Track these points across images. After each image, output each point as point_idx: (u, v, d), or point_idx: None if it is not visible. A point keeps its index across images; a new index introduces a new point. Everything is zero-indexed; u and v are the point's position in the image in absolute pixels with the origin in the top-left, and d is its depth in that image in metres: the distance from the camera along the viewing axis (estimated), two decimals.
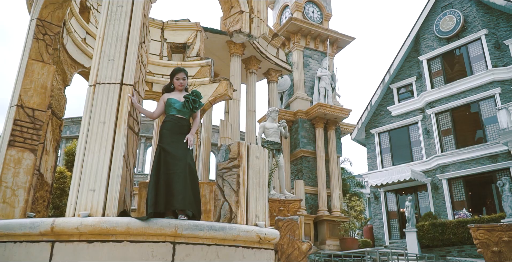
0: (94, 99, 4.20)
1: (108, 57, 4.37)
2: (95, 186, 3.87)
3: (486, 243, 5.44)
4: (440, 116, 18.97)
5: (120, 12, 4.56)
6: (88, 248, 3.57)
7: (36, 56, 5.23)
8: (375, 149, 21.56)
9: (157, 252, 3.59)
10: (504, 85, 16.96)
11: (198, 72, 9.18)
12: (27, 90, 5.06)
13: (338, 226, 12.68)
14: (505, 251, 5.28)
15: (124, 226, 3.57)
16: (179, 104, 4.28)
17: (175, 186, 3.89)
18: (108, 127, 4.07)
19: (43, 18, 5.42)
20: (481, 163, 16.83)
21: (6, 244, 3.85)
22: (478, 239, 5.47)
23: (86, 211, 3.76)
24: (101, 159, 3.95)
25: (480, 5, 18.53)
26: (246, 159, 4.52)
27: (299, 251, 5.57)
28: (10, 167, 4.69)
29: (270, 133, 8.95)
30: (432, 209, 18.11)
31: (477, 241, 5.44)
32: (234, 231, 3.91)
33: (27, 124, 4.94)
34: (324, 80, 14.55)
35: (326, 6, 16.89)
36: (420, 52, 20.54)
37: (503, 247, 5.31)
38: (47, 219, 3.71)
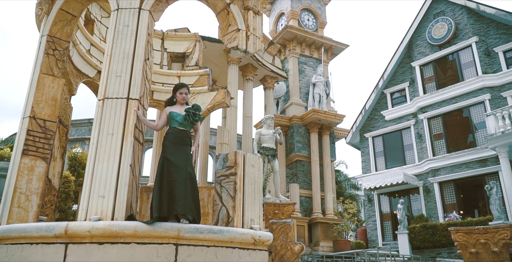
0: (103, 112, 4.58)
1: (116, 73, 4.74)
2: (105, 192, 4.24)
3: (465, 244, 5.83)
4: (432, 121, 19.40)
5: (126, 31, 4.94)
6: (99, 249, 3.94)
7: (46, 71, 5.59)
8: (369, 153, 21.96)
9: (161, 252, 3.96)
10: (494, 91, 17.40)
11: (197, 81, 9.57)
12: (38, 102, 5.42)
13: (332, 228, 13.06)
14: (482, 252, 5.67)
15: (131, 229, 3.94)
16: (180, 118, 4.65)
17: (177, 193, 4.26)
18: (116, 139, 4.45)
19: (53, 34, 5.78)
20: (471, 167, 17.25)
21: (24, 245, 4.21)
22: (458, 241, 5.86)
23: (96, 215, 4.13)
24: (110, 168, 4.33)
25: (471, 13, 18.98)
26: (242, 167, 4.89)
27: (292, 252, 5.95)
28: (24, 174, 5.05)
29: (265, 139, 9.33)
30: (424, 212, 18.52)
31: (456, 243, 5.82)
32: (231, 234, 4.29)
33: (39, 134, 5.30)
34: (318, 87, 14.96)
35: (321, 14, 17.30)
36: (413, 58, 20.97)
37: (480, 249, 5.70)
38: (62, 223, 4.07)
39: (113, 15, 5.08)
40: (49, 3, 5.90)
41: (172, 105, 4.87)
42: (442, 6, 20.26)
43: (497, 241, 5.58)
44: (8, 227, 4.42)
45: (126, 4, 5.08)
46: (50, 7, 5.88)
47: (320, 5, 17.50)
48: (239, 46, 5.46)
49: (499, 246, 5.55)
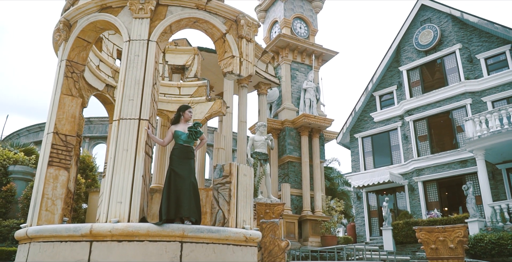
0: (118, 131, 5.41)
1: (129, 97, 5.56)
2: (122, 199, 5.08)
3: (426, 241, 6.70)
4: (417, 123, 20.31)
5: (137, 60, 5.76)
6: (118, 246, 4.78)
7: (66, 91, 6.40)
8: (358, 152, 22.89)
9: (169, 248, 4.81)
10: (475, 96, 18.31)
11: (195, 91, 10.38)
12: (60, 119, 6.23)
13: (320, 225, 13.94)
14: (440, 248, 6.55)
15: (145, 230, 4.78)
16: (184, 136, 5.49)
17: (182, 199, 5.11)
18: (130, 154, 5.28)
19: (71, 59, 6.58)
20: (452, 167, 18.19)
21: (54, 243, 5.04)
22: (421, 238, 6.72)
23: (115, 218, 4.96)
24: (125, 178, 5.16)
25: (456, 21, 19.84)
26: (236, 176, 5.74)
27: (279, 247, 6.82)
28: (50, 182, 5.87)
29: (258, 145, 10.16)
30: (409, 209, 19.48)
31: (420, 240, 6.69)
32: (227, 233, 5.15)
33: (61, 147, 6.12)
34: (309, 92, 15.79)
35: (312, 22, 18.10)
36: (400, 63, 21.85)
37: (439, 245, 6.58)
38: (87, 225, 4.92)
39: (125, 46, 5.89)
40: (66, 31, 6.68)
41: (177, 124, 5.70)
42: (429, 14, 21.11)
43: (453, 238, 6.45)
44: (40, 227, 5.25)
45: (137, 36, 5.89)
46: (67, 35, 6.67)
47: (311, 13, 18.30)
48: (233, 71, 6.28)
49: (455, 243, 6.42)
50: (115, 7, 6.20)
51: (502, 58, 17.96)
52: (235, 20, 6.51)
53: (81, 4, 6.38)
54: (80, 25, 6.41)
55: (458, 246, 6.29)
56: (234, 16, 6.49)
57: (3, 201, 9.93)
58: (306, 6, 18.19)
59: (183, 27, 6.48)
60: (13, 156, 11.16)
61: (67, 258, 4.87)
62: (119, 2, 6.15)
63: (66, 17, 6.61)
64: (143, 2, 5.99)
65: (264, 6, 18.92)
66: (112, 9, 6.23)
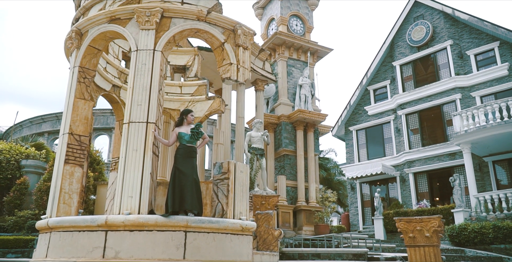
0: (128, 133, 6.02)
1: (137, 102, 6.16)
2: (132, 194, 5.71)
3: (405, 230, 7.35)
4: (409, 117, 20.93)
5: (144, 69, 6.34)
6: (130, 235, 5.43)
7: (79, 95, 6.99)
8: (353, 145, 23.55)
9: (175, 237, 5.45)
10: (464, 91, 18.90)
11: (196, 90, 10.95)
12: (74, 121, 6.83)
13: (314, 215, 14.64)
14: (417, 236, 7.20)
15: (153, 221, 5.43)
16: (187, 137, 6.10)
17: (186, 194, 5.74)
18: (139, 154, 5.90)
19: (83, 65, 7.15)
20: (442, 159, 18.87)
21: (73, 232, 5.68)
22: (400, 228, 7.40)
23: (127, 210, 5.60)
24: (135, 176, 5.79)
25: (447, 18, 20.33)
26: (233, 173, 6.37)
27: (273, 236, 7.48)
28: (66, 178, 6.50)
29: (255, 141, 10.77)
30: (400, 199, 20.21)
31: (399, 229, 7.36)
32: (225, 223, 5.80)
33: (76, 146, 6.73)
34: (304, 88, 16.35)
35: (308, 19, 18.57)
36: (394, 58, 22.37)
37: (416, 234, 7.22)
38: (102, 216, 5.56)
39: (133, 55, 6.47)
40: (78, 39, 7.24)
41: (181, 126, 6.31)
42: (422, 10, 21.58)
43: (429, 228, 7.09)
44: (60, 219, 5.89)
45: (143, 46, 6.46)
46: (79, 43, 7.23)
47: (307, 11, 18.76)
48: (231, 77, 6.87)
49: (430, 232, 7.08)
50: (123, 19, 6.76)
51: (491, 55, 18.50)
52: (232, 29, 7.08)
53: (92, 16, 6.93)
54: (91, 34, 6.97)
55: (433, 235, 6.95)
56: (232, 26, 7.05)
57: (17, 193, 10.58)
58: (302, 4, 18.65)
59: (185, 36, 7.05)
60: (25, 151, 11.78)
61: (85, 245, 5.51)
62: (127, 14, 6.71)
63: (78, 26, 7.16)
64: (149, 14, 6.55)
65: (261, 4, 19.37)
66: (120, 20, 6.78)
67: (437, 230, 6.96)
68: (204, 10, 6.79)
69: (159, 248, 5.39)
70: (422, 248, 6.95)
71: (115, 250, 5.39)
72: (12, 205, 10.51)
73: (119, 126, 9.67)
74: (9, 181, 11.29)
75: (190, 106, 10.64)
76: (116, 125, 9.94)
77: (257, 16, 19.90)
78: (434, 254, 6.87)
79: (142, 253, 5.34)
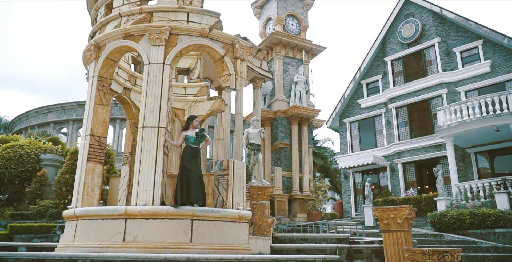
0: (143, 136, 6.96)
1: (150, 110, 7.09)
2: (147, 188, 6.67)
3: (381, 218, 8.34)
4: (399, 110, 21.84)
5: (155, 80, 7.25)
6: (146, 222, 6.41)
7: (99, 102, 7.91)
8: (346, 136, 24.51)
9: (183, 224, 6.43)
10: (450, 86, 19.78)
11: (198, 91, 11.83)
12: (95, 124, 7.77)
13: (307, 203, 15.67)
14: (391, 223, 8.16)
15: (165, 210, 6.40)
16: (193, 139, 7.04)
17: (192, 188, 6.71)
18: (152, 154, 6.84)
19: (101, 75, 8.05)
20: (428, 150, 19.85)
21: (97, 220, 6.66)
22: (377, 216, 8.40)
23: (143, 202, 6.57)
24: (149, 173, 6.74)
25: (436, 16, 21.08)
26: (232, 170, 7.33)
27: (266, 223, 8.49)
28: (89, 174, 7.46)
29: (252, 137, 11.70)
30: (390, 188, 21.25)
31: (376, 217, 8.36)
32: (225, 213, 6.78)
33: (96, 146, 7.68)
34: (299, 85, 17.23)
35: (303, 19, 19.33)
36: (386, 54, 23.18)
37: (390, 221, 8.19)
38: (122, 207, 6.54)
39: (146, 68, 7.36)
40: (96, 52, 8.12)
41: (187, 130, 7.25)
42: (412, 8, 22.32)
43: (401, 216, 8.05)
44: (86, 209, 6.87)
45: (154, 60, 7.36)
46: (98, 54, 8.10)
47: (303, 10, 19.51)
48: (230, 86, 7.77)
49: (402, 219, 8.03)
50: (136, 35, 7.64)
51: (475, 52, 19.33)
52: (231, 44, 7.95)
53: (109, 32, 7.81)
54: (108, 48, 7.85)
55: (404, 221, 7.94)
56: (231, 41, 7.93)
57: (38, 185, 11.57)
58: (298, 4, 19.39)
59: (190, 50, 7.95)
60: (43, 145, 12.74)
61: (108, 231, 6.50)
62: (139, 32, 7.58)
63: (96, 40, 8.04)
64: (158, 32, 7.43)
65: (259, 3, 20.10)
66: (134, 36, 7.66)
67: (408, 217, 7.95)
68: (206, 27, 7.66)
69: (170, 233, 6.37)
70: (395, 233, 7.95)
71: (133, 235, 6.38)
72: (34, 195, 11.52)
73: (129, 124, 10.59)
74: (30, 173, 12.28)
75: (193, 106, 11.53)
76: (127, 124, 10.84)
77: (255, 15, 20.64)
78: (405, 238, 7.87)
79: (156, 237, 6.33)
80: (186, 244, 6.31)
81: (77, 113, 37.94)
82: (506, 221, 12.51)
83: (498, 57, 18.42)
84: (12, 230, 9.48)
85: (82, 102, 37.11)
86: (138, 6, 7.98)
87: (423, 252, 6.37)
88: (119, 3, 8.25)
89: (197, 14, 7.81)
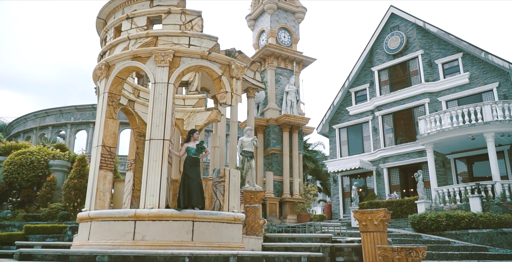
0: (149, 148, 7.83)
1: (156, 124, 7.96)
2: (154, 193, 7.55)
3: (360, 220, 9.27)
4: (385, 118, 22.84)
5: (160, 98, 8.13)
6: (153, 223, 7.28)
7: (109, 116, 8.77)
8: (335, 141, 25.46)
9: (185, 225, 7.31)
10: (432, 96, 20.81)
11: (197, 102, 12.71)
12: (106, 136, 8.63)
13: (296, 205, 16.61)
14: (369, 225, 9.11)
15: (169, 213, 7.28)
16: (194, 150, 7.93)
17: (192, 193, 7.60)
18: (158, 163, 7.72)
19: (111, 91, 8.92)
20: (412, 156, 20.86)
21: (109, 221, 7.52)
22: (356, 218, 9.31)
23: (150, 205, 7.44)
24: (155, 180, 7.62)
25: (419, 29, 22.13)
26: (228, 177, 8.22)
27: (258, 224, 9.38)
28: (101, 180, 8.32)
29: (246, 145, 12.59)
30: (376, 191, 22.23)
31: (355, 219, 9.29)
32: (222, 215, 7.67)
33: (107, 156, 8.54)
34: (290, 94, 18.18)
35: (295, 31, 20.30)
36: (373, 64, 24.18)
37: (368, 223, 9.11)
38: (132, 210, 7.40)
39: (152, 87, 8.25)
40: (107, 70, 8.98)
41: (188, 142, 8.13)
42: (397, 21, 23.36)
43: (377, 218, 8.97)
44: (99, 211, 7.73)
45: (159, 80, 8.24)
46: (108, 73, 8.96)
47: (294, 23, 20.49)
48: (227, 102, 8.67)
49: (378, 221, 8.94)
50: (143, 57, 8.52)
51: (455, 64, 20.39)
52: (228, 64, 8.86)
53: (119, 54, 8.68)
54: (118, 68, 8.73)
55: (380, 223, 8.87)
56: (227, 62, 8.84)
57: (48, 189, 12.37)
58: (290, 17, 20.36)
59: (191, 71, 8.86)
60: (51, 152, 13.54)
61: (119, 231, 7.36)
62: (146, 54, 8.47)
63: (106, 60, 8.91)
64: (163, 55, 8.31)
65: (253, 16, 21.05)
66: (141, 58, 8.54)
67: (383, 219, 8.88)
68: (206, 50, 8.56)
69: (174, 233, 7.25)
70: (372, 233, 8.87)
71: (142, 234, 7.24)
72: (44, 198, 12.33)
73: (133, 133, 11.44)
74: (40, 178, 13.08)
75: (192, 116, 12.39)
76: (131, 133, 11.68)
77: (249, 27, 21.59)
78: (380, 237, 8.80)
79: (162, 236, 7.20)
80: (188, 242, 7.19)
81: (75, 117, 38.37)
82: (478, 223, 13.48)
83: (476, 69, 19.50)
84: (27, 231, 10.29)
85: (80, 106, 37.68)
86: (144, 30, 8.85)
87: (392, 249, 7.28)
88: (127, 26, 9.11)
89: (197, 38, 8.71)
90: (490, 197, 14.82)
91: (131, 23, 8.96)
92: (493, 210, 14.28)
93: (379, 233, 8.85)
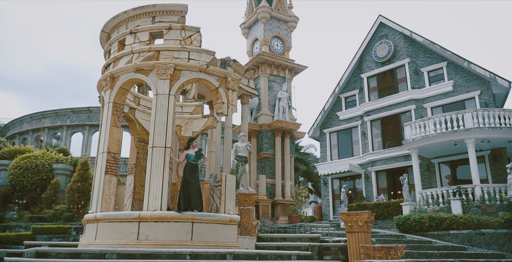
0: (152, 155, 8.43)
1: (158, 133, 8.57)
2: (156, 196, 8.14)
3: (346, 221, 9.92)
4: (373, 123, 23.59)
5: (162, 109, 8.73)
6: (155, 224, 7.87)
7: (113, 124, 9.36)
8: (326, 145, 26.18)
9: (185, 226, 7.92)
10: (418, 103, 21.60)
11: (194, 110, 13.31)
12: (110, 143, 9.21)
13: (288, 207, 17.27)
14: (354, 226, 9.76)
15: (171, 215, 7.88)
16: (193, 157, 8.54)
17: (192, 197, 8.21)
18: (160, 169, 8.32)
19: (115, 101, 9.50)
20: (398, 160, 21.62)
21: (115, 222, 8.10)
22: (342, 219, 9.98)
23: (153, 208, 8.04)
24: (158, 184, 8.22)
25: (406, 38, 22.94)
26: (224, 182, 8.85)
27: (252, 225, 10.01)
28: (106, 184, 8.90)
29: (240, 150, 13.21)
30: (364, 193, 22.95)
31: (341, 220, 9.98)
32: (219, 217, 8.29)
33: (112, 161, 9.12)
34: (283, 101, 18.86)
35: (287, 40, 21.00)
36: (362, 71, 24.95)
37: (353, 224, 9.77)
38: (136, 212, 8.00)
39: (154, 98, 8.85)
40: (111, 82, 9.56)
41: (188, 149, 8.75)
42: (386, 30, 24.15)
43: (361, 219, 9.60)
44: (106, 213, 8.31)
45: (161, 91, 8.84)
46: (112, 84, 9.54)
47: (287, 32, 21.19)
48: (223, 112, 9.30)
49: (362, 222, 9.60)
50: (146, 70, 9.12)
51: (440, 72, 21.20)
52: (224, 77, 9.48)
53: (123, 66, 9.27)
54: (122, 79, 9.31)
55: (364, 224, 9.54)
56: (224, 74, 9.47)
57: (52, 191, 12.89)
58: (282, 26, 21.06)
59: (190, 83, 9.48)
60: (54, 156, 14.07)
61: (125, 231, 7.95)
62: (149, 67, 9.07)
63: (111, 72, 9.49)
64: (165, 68, 8.92)
65: (247, 24, 21.71)
66: (144, 71, 9.14)
67: (367, 221, 9.55)
68: (204, 64, 9.19)
69: (175, 233, 7.86)
70: (357, 234, 9.54)
71: (145, 234, 7.84)
72: (49, 200, 12.86)
73: (134, 139, 12.02)
74: (44, 181, 13.61)
75: (189, 123, 12.97)
76: (132, 139, 12.26)
77: (243, 35, 22.24)
78: (364, 237, 9.47)
79: (164, 236, 7.80)
80: (188, 242, 7.79)
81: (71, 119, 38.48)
82: (458, 224, 14.22)
83: (459, 78, 20.31)
84: (34, 231, 10.82)
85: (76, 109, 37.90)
86: (147, 45, 9.45)
87: (374, 248, 7.97)
88: (131, 41, 9.70)
89: (196, 52, 9.33)
90: (470, 199, 15.57)
91: (134, 37, 9.55)
92: (472, 212, 15.04)
93: (363, 234, 9.52)
